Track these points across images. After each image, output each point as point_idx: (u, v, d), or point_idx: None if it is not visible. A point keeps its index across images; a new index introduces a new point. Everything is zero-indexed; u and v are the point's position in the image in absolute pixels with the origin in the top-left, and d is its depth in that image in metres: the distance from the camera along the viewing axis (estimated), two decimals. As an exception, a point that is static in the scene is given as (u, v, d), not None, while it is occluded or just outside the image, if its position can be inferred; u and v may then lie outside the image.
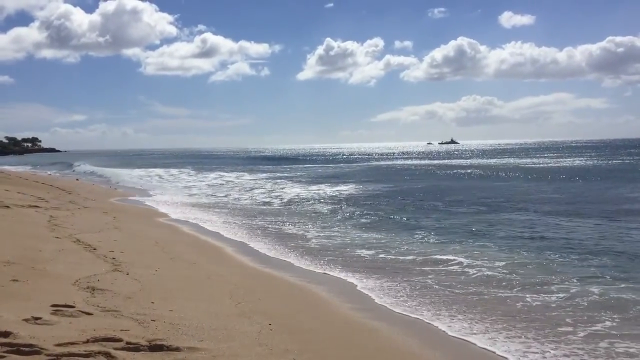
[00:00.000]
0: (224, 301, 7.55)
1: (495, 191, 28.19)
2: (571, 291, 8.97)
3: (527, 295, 8.77)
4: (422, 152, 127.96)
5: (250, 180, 41.39)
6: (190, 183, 39.22)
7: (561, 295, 8.78)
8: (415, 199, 24.96)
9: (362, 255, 12.27)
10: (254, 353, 5.53)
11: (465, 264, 11.09)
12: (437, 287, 9.45)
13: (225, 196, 27.91)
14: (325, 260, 11.77)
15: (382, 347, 6.29)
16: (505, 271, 10.41)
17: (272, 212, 20.56)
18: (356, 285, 9.48)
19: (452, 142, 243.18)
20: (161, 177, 45.72)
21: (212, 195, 28.91)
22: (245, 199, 26.08)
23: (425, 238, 14.57)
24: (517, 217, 18.30)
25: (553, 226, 16.20)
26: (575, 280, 9.67)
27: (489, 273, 10.34)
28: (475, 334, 7.12)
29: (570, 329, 7.23)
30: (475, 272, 10.49)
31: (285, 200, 25.60)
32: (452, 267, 10.88)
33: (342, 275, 10.24)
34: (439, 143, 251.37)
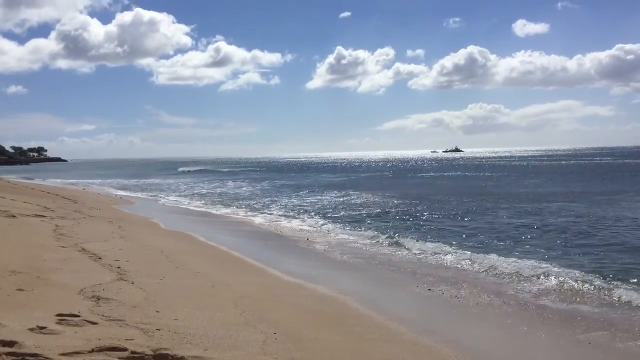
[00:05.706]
0: (228, 310, 7.52)
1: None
2: None
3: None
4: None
5: (251, 189, 41.48)
6: (189, 192, 39.52)
7: None
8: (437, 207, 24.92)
9: (371, 262, 12.24)
10: (259, 362, 5.50)
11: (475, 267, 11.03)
12: (445, 296, 9.40)
13: (223, 204, 27.95)
14: (330, 267, 11.73)
15: (388, 358, 6.24)
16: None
17: (276, 219, 20.55)
18: (363, 295, 9.43)
19: (457, 150, 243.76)
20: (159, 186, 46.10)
21: (209, 203, 29.05)
22: (249, 208, 26.09)
23: (457, 245, 14.61)
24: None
25: None
26: None
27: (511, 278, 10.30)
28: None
29: None
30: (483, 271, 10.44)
31: (288, 206, 25.61)
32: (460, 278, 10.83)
33: (349, 284, 10.19)
34: (443, 151, 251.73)
